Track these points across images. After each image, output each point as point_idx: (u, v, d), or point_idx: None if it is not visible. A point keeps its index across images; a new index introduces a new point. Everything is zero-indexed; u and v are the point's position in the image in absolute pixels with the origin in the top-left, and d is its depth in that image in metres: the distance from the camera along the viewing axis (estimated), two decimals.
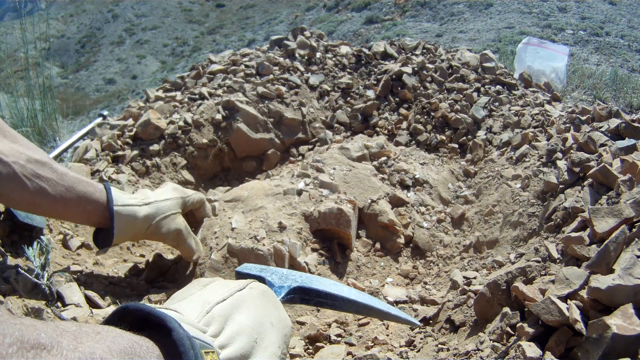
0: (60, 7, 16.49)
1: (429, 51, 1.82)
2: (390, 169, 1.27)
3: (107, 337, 0.37)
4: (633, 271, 0.53)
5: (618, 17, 5.87)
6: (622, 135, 0.94)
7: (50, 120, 2.05)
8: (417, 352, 0.76)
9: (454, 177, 1.34)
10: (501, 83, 1.62)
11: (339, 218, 1.04)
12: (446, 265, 1.07)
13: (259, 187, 1.15)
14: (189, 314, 0.50)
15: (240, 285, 0.59)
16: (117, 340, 0.37)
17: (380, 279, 1.03)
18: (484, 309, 0.72)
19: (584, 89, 3.28)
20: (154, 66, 11.36)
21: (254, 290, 0.60)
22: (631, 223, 0.63)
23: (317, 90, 1.70)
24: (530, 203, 1.00)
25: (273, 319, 0.58)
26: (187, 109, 1.52)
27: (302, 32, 1.87)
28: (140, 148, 1.39)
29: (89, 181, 0.85)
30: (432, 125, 1.55)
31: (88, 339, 0.36)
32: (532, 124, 1.33)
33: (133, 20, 13.83)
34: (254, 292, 0.59)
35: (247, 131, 1.50)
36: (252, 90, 1.58)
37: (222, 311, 0.53)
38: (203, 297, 0.54)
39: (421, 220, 1.16)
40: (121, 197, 0.88)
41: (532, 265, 0.70)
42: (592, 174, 0.83)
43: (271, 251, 0.95)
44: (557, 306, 0.56)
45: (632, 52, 4.81)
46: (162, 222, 0.93)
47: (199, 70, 1.72)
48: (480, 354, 0.63)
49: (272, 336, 0.56)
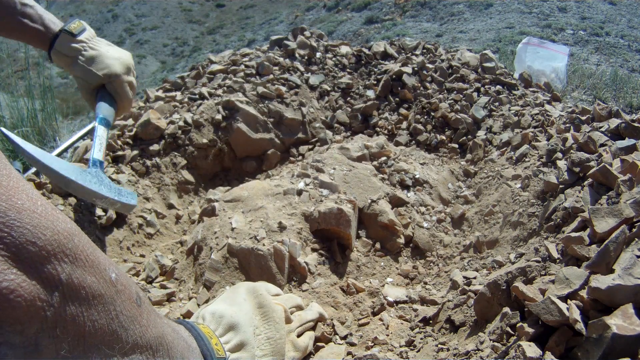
0: (60, 7, 16.49)
1: (429, 51, 1.82)
2: (390, 169, 1.27)
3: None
4: (633, 271, 0.53)
5: (618, 17, 5.87)
6: (622, 135, 0.94)
7: (50, 120, 2.05)
8: (417, 352, 0.76)
9: (454, 177, 1.34)
10: (501, 83, 1.62)
11: (339, 218, 1.04)
12: (446, 265, 1.07)
13: (259, 187, 1.15)
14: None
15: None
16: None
17: (380, 279, 1.03)
18: (484, 309, 0.72)
19: (584, 89, 3.28)
20: (154, 66, 11.35)
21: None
22: (631, 223, 0.63)
23: (317, 90, 1.70)
24: (530, 203, 1.00)
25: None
26: (187, 109, 1.52)
27: (302, 32, 1.87)
28: (140, 148, 1.39)
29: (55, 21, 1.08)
30: (432, 125, 1.55)
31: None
32: (532, 124, 1.33)
33: (133, 20, 13.83)
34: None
35: (247, 131, 1.50)
36: (252, 90, 1.58)
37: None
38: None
39: (421, 220, 1.16)
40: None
41: (532, 265, 0.70)
42: (592, 174, 0.83)
43: (271, 251, 0.95)
44: (557, 306, 0.56)
45: (632, 52, 4.81)
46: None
47: (199, 70, 1.72)
48: (480, 354, 0.63)
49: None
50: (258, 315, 0.70)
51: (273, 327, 0.69)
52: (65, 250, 0.36)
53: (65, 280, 0.35)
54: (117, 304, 0.40)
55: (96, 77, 1.12)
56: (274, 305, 0.72)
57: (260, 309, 0.71)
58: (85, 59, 1.11)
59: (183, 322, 0.60)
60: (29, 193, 0.35)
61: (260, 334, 0.68)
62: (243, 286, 0.76)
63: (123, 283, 0.43)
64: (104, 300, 0.39)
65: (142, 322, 0.44)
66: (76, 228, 0.39)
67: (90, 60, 1.11)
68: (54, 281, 0.35)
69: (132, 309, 0.43)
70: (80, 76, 1.12)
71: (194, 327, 0.59)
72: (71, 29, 1.09)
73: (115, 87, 1.15)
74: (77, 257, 0.37)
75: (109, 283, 0.40)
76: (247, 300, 0.72)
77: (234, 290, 0.76)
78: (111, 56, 1.14)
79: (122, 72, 1.15)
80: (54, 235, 0.35)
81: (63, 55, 1.09)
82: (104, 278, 0.40)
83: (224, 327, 0.65)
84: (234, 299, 0.72)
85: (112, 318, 0.40)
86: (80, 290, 0.37)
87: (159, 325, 0.47)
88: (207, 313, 0.68)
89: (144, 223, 1.24)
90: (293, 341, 0.72)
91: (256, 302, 0.72)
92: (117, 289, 0.41)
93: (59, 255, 0.35)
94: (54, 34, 1.07)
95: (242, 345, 0.64)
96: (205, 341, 0.58)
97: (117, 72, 1.14)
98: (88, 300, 0.37)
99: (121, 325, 0.41)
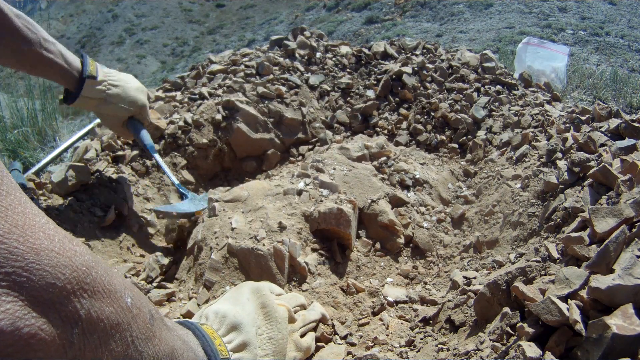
0: (60, 7, 16.47)
1: (429, 51, 1.82)
2: (390, 169, 1.27)
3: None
4: (633, 271, 0.53)
5: (618, 17, 5.87)
6: (622, 135, 0.94)
7: (50, 120, 2.05)
8: (417, 352, 0.76)
9: (454, 177, 1.34)
10: (501, 83, 1.62)
11: (339, 218, 1.04)
12: (446, 265, 1.07)
13: (259, 187, 1.15)
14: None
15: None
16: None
17: (380, 279, 1.03)
18: (484, 309, 0.72)
19: (584, 89, 3.28)
20: (154, 66, 11.35)
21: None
22: (631, 223, 0.63)
23: (317, 90, 1.70)
24: (530, 203, 1.00)
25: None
26: (187, 109, 1.52)
27: (302, 32, 1.87)
28: (141, 148, 1.39)
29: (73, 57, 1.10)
30: (432, 125, 1.55)
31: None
32: (532, 124, 1.33)
33: (133, 20, 13.82)
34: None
35: (247, 131, 1.50)
36: (252, 90, 1.58)
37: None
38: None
39: (421, 220, 1.16)
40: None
41: (532, 265, 0.69)
42: (592, 174, 0.83)
43: (271, 251, 0.95)
44: (557, 306, 0.56)
45: (632, 52, 4.81)
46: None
47: (199, 70, 1.72)
48: (480, 354, 0.63)
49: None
50: (261, 315, 0.70)
51: (275, 327, 0.69)
52: (84, 286, 0.36)
53: (84, 316, 0.35)
54: (133, 330, 0.41)
55: (128, 112, 1.20)
56: (276, 305, 0.73)
57: (263, 308, 0.71)
58: (113, 98, 1.15)
59: (188, 324, 0.60)
60: (45, 229, 0.35)
61: (263, 334, 0.68)
62: (247, 286, 0.76)
63: (138, 306, 0.43)
64: (121, 328, 0.39)
65: (155, 342, 0.44)
66: (93, 258, 0.39)
67: (118, 97, 1.16)
68: (73, 319, 0.34)
69: (147, 331, 0.43)
70: (111, 114, 1.18)
71: (198, 329, 0.60)
72: (92, 73, 1.11)
73: (144, 115, 1.25)
74: (95, 290, 0.37)
75: (125, 310, 0.40)
76: (250, 300, 0.72)
77: (237, 289, 0.76)
78: (132, 87, 1.20)
79: (146, 100, 1.24)
80: (72, 272, 0.35)
81: (90, 99, 1.12)
82: (121, 306, 0.40)
83: (227, 327, 0.65)
84: (237, 298, 0.72)
85: (128, 345, 0.40)
86: (99, 323, 0.37)
87: (170, 340, 0.48)
88: (210, 312, 0.68)
89: (144, 223, 1.24)
90: (296, 341, 0.72)
91: (259, 302, 0.72)
92: (133, 314, 0.41)
93: (78, 292, 0.35)
94: (79, 76, 1.09)
95: (245, 345, 0.65)
96: (209, 342, 0.58)
97: (145, 103, 1.23)
98: (106, 331, 0.37)
99: (136, 349, 0.41)
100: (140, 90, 1.22)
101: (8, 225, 0.31)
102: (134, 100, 1.19)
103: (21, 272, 0.31)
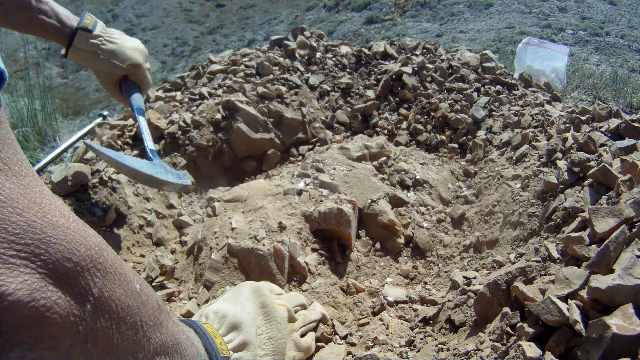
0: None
1: (429, 51, 1.82)
2: (390, 169, 1.27)
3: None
4: (633, 271, 0.53)
5: (618, 17, 5.87)
6: (622, 135, 0.94)
7: (50, 120, 2.05)
8: (417, 352, 0.76)
9: (454, 177, 1.34)
10: (501, 83, 1.62)
11: (339, 218, 1.04)
12: (446, 265, 1.07)
13: (259, 187, 1.15)
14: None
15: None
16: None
17: (380, 279, 1.03)
18: (484, 309, 0.72)
19: (584, 89, 3.28)
20: (154, 66, 11.34)
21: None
22: (631, 223, 0.63)
23: (317, 90, 1.70)
24: (530, 203, 1.00)
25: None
26: (187, 109, 1.52)
27: (302, 32, 1.87)
28: (140, 148, 1.39)
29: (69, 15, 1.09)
30: (432, 125, 1.55)
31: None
32: (532, 124, 1.33)
33: (133, 20, 13.82)
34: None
35: (247, 131, 1.50)
36: (252, 90, 1.58)
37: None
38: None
39: (421, 220, 1.16)
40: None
41: (532, 265, 0.69)
42: (592, 174, 0.83)
43: (271, 251, 0.95)
44: (557, 306, 0.56)
45: (632, 52, 4.81)
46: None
47: (199, 70, 1.72)
48: (480, 354, 0.63)
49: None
50: (261, 315, 0.71)
51: (275, 327, 0.69)
52: (97, 265, 0.37)
53: (97, 294, 0.36)
54: (142, 315, 0.42)
55: (120, 68, 1.16)
56: (276, 305, 0.73)
57: (263, 308, 0.71)
58: (106, 53, 1.13)
59: (190, 322, 0.61)
60: (61, 209, 0.36)
61: (262, 334, 0.68)
62: (247, 285, 0.76)
63: (147, 293, 0.44)
64: (131, 312, 0.40)
65: (162, 331, 0.45)
66: (104, 242, 0.40)
67: (111, 53, 1.14)
68: (86, 296, 0.35)
69: (155, 318, 0.44)
70: (103, 70, 1.15)
71: (199, 327, 0.60)
72: (87, 25, 1.10)
73: (139, 76, 1.20)
74: (107, 270, 0.38)
75: (135, 294, 0.41)
76: (250, 300, 0.72)
77: (237, 289, 0.76)
78: (129, 47, 1.17)
79: (143, 61, 1.20)
80: (87, 250, 0.36)
81: (82, 51, 1.11)
82: (131, 289, 0.41)
83: (227, 327, 0.66)
84: (237, 298, 0.73)
85: (137, 329, 0.41)
86: (110, 303, 0.38)
87: (176, 332, 0.49)
88: (210, 312, 0.69)
89: (145, 223, 1.24)
90: (295, 341, 0.72)
91: (259, 302, 0.72)
92: (142, 300, 0.42)
93: (92, 270, 0.36)
94: (71, 31, 1.09)
95: (245, 344, 0.65)
96: (210, 341, 0.59)
97: (139, 62, 1.18)
98: (117, 312, 0.38)
99: (145, 335, 0.42)
100: (136, 49, 1.19)
101: (27, 201, 0.33)
102: (127, 58, 1.16)
103: (39, 244, 0.32)
